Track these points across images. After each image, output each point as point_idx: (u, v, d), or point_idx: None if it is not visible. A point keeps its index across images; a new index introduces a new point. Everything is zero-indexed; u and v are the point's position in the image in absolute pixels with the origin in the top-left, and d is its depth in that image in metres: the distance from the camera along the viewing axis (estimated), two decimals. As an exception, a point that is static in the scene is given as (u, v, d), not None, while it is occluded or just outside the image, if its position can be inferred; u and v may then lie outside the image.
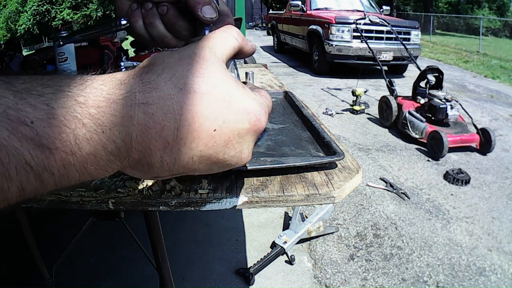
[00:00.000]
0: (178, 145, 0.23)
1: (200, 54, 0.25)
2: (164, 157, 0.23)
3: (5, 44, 4.42)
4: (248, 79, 1.22)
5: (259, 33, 15.95)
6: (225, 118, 0.24)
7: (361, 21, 4.96)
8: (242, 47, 0.29)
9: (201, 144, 0.23)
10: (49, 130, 0.19)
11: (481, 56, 9.35)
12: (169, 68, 0.23)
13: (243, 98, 0.25)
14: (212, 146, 0.24)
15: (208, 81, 0.24)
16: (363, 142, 3.26)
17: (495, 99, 4.96)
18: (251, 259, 1.67)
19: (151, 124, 0.22)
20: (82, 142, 0.20)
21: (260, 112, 0.26)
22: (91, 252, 1.70)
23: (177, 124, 0.22)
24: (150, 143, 0.22)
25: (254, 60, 5.77)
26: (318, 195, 0.46)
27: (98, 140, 0.21)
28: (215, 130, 0.23)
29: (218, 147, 0.24)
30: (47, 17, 11.30)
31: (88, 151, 0.21)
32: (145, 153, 0.23)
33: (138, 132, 0.22)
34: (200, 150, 0.24)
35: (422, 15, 16.84)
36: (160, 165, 0.23)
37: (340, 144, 0.57)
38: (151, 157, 0.23)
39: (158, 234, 0.85)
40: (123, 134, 0.21)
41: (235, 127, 0.24)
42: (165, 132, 0.22)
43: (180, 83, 0.23)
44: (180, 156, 0.23)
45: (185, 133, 0.23)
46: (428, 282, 1.57)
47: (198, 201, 0.44)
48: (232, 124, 0.24)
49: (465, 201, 2.25)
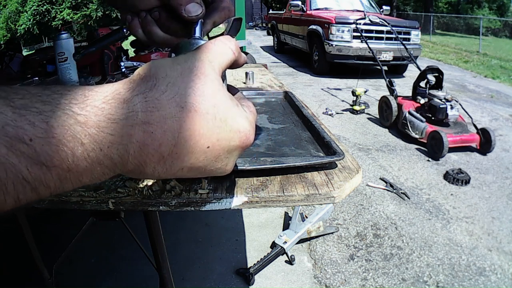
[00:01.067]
0: (172, 158, 0.24)
1: (201, 68, 0.25)
2: (156, 168, 0.24)
3: (5, 44, 4.43)
4: (248, 79, 1.22)
5: (259, 33, 15.95)
6: (219, 137, 0.25)
7: (361, 21, 4.96)
8: (237, 60, 0.30)
9: (193, 158, 0.25)
10: (47, 149, 0.20)
11: (481, 56, 9.35)
12: (172, 84, 0.24)
13: (236, 119, 0.26)
14: (202, 160, 0.25)
15: (208, 101, 0.24)
16: (363, 142, 3.26)
17: (495, 99, 4.96)
18: (251, 259, 1.67)
19: (149, 141, 0.23)
20: (79, 160, 0.21)
21: (250, 131, 0.27)
22: (91, 252, 1.70)
23: (175, 141, 0.23)
24: (147, 158, 0.23)
25: (254, 60, 5.78)
26: (318, 195, 0.46)
27: (95, 157, 0.21)
28: (208, 147, 0.25)
29: (208, 161, 0.25)
30: (47, 17, 11.26)
31: (85, 167, 0.21)
32: (140, 165, 0.24)
33: (136, 149, 0.23)
34: (191, 163, 0.25)
35: (422, 15, 16.84)
36: (151, 174, 0.25)
37: (340, 144, 0.57)
38: (145, 168, 0.24)
39: (158, 234, 0.85)
40: (121, 151, 0.22)
41: (227, 145, 0.26)
42: (162, 148, 0.23)
43: (182, 101, 0.23)
44: (171, 168, 0.25)
45: (181, 149, 0.24)
46: (428, 282, 1.57)
47: (198, 201, 0.44)
48: (224, 142, 0.25)
49: (465, 201, 2.25)
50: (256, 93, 0.96)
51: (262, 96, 0.95)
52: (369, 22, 4.88)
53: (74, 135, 0.20)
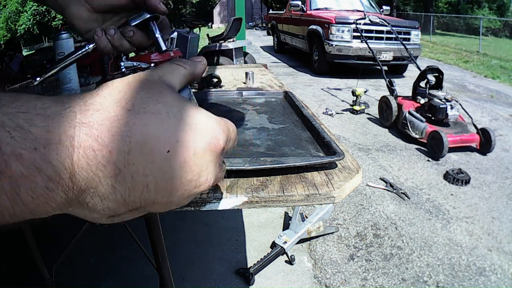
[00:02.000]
0: (130, 171, 0.21)
1: (150, 79, 0.24)
2: (116, 187, 0.21)
3: (5, 44, 4.43)
4: (248, 79, 1.22)
5: (259, 33, 15.96)
6: (178, 138, 0.22)
7: (361, 21, 4.96)
8: (193, 71, 0.29)
9: (155, 169, 0.21)
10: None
11: (481, 56, 9.35)
12: (118, 91, 0.22)
13: (197, 116, 0.23)
14: (167, 170, 0.22)
15: (158, 101, 0.22)
16: (363, 142, 3.26)
17: (495, 99, 4.96)
18: (251, 259, 1.67)
19: (96, 147, 0.20)
20: (10, 159, 0.17)
21: (217, 131, 0.24)
22: (91, 252, 1.70)
23: (128, 148, 0.20)
24: (97, 169, 0.20)
25: (254, 60, 5.78)
26: (318, 195, 0.46)
27: (30, 158, 0.18)
28: (168, 151, 0.21)
29: (174, 171, 0.22)
30: (47, 17, 11.32)
31: (20, 172, 0.18)
32: (93, 181, 0.20)
33: (80, 156, 0.19)
34: (155, 176, 0.21)
35: (422, 15, 16.84)
36: (113, 196, 0.21)
37: (340, 144, 0.57)
38: (101, 186, 0.20)
39: (158, 234, 0.85)
40: (61, 155, 0.19)
41: (190, 147, 0.22)
42: (114, 157, 0.20)
43: (129, 104, 0.21)
44: (134, 185, 0.21)
45: (137, 157, 0.21)
46: (428, 282, 1.57)
47: (198, 201, 0.44)
48: (186, 143, 0.22)
49: (465, 201, 2.25)
50: (256, 93, 0.96)
51: (262, 96, 0.95)
52: (369, 22, 4.88)
53: (0, 127, 0.17)
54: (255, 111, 0.81)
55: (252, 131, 0.67)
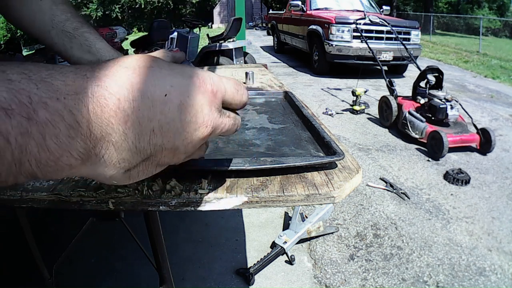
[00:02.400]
0: (137, 117, 0.24)
1: None
2: (127, 133, 0.23)
3: (5, 44, 4.42)
4: (248, 79, 1.22)
5: (259, 33, 15.96)
6: (171, 83, 0.25)
7: (361, 21, 4.96)
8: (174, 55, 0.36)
9: (157, 112, 0.24)
10: (4, 94, 0.19)
11: (481, 56, 9.35)
12: (119, 59, 0.26)
13: (186, 68, 0.28)
14: (167, 112, 0.25)
15: (150, 59, 0.26)
16: (363, 142, 3.26)
17: (495, 99, 4.96)
18: (251, 259, 1.67)
19: (107, 95, 0.23)
20: (37, 106, 0.20)
21: (204, 75, 0.28)
22: (91, 252, 1.70)
23: (131, 96, 0.23)
24: (110, 116, 0.23)
25: (254, 60, 5.78)
26: (318, 195, 0.46)
27: (54, 107, 0.20)
28: (166, 95, 0.25)
29: (173, 113, 0.25)
30: (47, 17, 11.03)
31: (45, 118, 0.20)
32: (107, 127, 0.23)
33: (95, 104, 0.22)
34: (158, 119, 0.24)
35: (422, 15, 16.85)
36: (126, 144, 0.24)
37: (340, 144, 0.57)
38: (114, 133, 0.23)
39: (158, 234, 0.85)
40: (79, 104, 0.21)
41: (183, 89, 0.26)
42: (122, 104, 0.23)
43: (128, 63, 0.25)
44: (141, 130, 0.24)
45: (141, 103, 0.24)
46: (428, 282, 1.57)
47: (198, 201, 0.44)
48: (179, 87, 0.26)
49: (465, 201, 2.25)
50: (256, 93, 0.96)
51: (262, 96, 0.95)
52: (369, 22, 4.88)
53: (29, 79, 0.20)
54: (255, 111, 0.81)
55: (252, 131, 0.67)
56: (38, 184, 0.47)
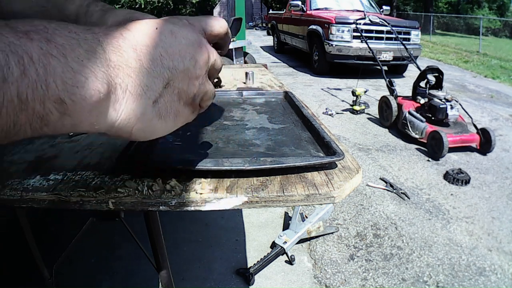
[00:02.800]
0: (145, 45, 0.27)
1: None
2: (141, 59, 0.26)
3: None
4: (248, 79, 1.22)
5: (259, 33, 15.96)
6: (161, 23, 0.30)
7: (361, 21, 4.96)
8: None
9: (158, 39, 0.28)
10: (21, 24, 0.21)
11: (481, 56, 9.36)
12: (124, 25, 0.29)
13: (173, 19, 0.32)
14: (164, 39, 0.28)
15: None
16: (363, 142, 3.26)
17: (495, 99, 4.96)
18: (251, 259, 1.67)
19: (120, 40, 0.26)
20: (53, 34, 0.22)
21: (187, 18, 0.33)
22: (91, 252, 1.70)
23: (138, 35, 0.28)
24: (124, 45, 0.26)
25: (254, 60, 5.79)
26: (318, 195, 0.46)
27: (68, 35, 0.23)
28: (156, 28, 0.29)
29: (168, 38, 0.29)
30: (47, 17, 11.26)
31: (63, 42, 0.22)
32: (123, 54, 0.26)
33: (114, 47, 0.25)
34: (161, 46, 0.28)
35: (422, 15, 16.86)
36: (144, 69, 0.27)
37: (340, 144, 0.57)
38: (131, 59, 0.26)
39: (158, 234, 0.85)
40: (93, 36, 0.24)
41: (169, 24, 0.30)
42: (130, 41, 0.27)
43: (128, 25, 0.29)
44: (153, 56, 0.27)
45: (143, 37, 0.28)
46: (428, 282, 1.57)
47: (198, 201, 0.44)
48: (166, 23, 0.30)
49: (465, 201, 2.25)
50: (256, 93, 0.96)
51: (262, 96, 0.95)
52: (369, 22, 4.88)
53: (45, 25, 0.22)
54: (255, 111, 0.81)
55: (252, 131, 0.67)
56: (38, 184, 0.47)
